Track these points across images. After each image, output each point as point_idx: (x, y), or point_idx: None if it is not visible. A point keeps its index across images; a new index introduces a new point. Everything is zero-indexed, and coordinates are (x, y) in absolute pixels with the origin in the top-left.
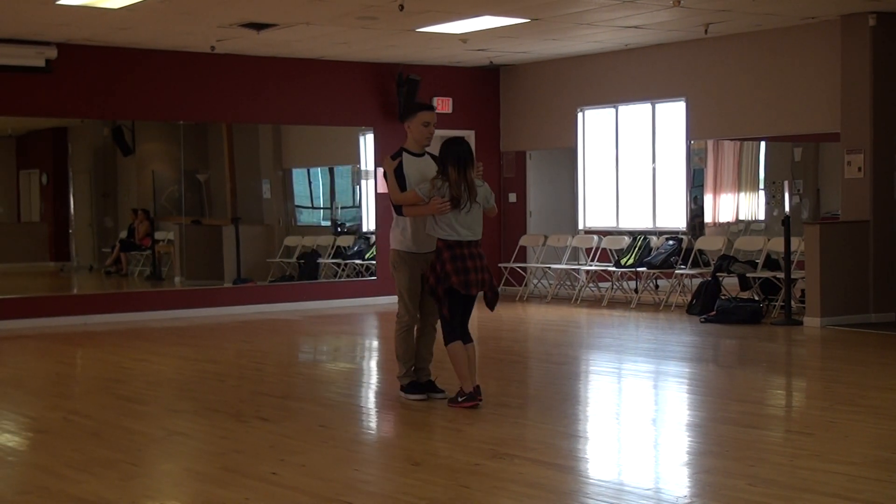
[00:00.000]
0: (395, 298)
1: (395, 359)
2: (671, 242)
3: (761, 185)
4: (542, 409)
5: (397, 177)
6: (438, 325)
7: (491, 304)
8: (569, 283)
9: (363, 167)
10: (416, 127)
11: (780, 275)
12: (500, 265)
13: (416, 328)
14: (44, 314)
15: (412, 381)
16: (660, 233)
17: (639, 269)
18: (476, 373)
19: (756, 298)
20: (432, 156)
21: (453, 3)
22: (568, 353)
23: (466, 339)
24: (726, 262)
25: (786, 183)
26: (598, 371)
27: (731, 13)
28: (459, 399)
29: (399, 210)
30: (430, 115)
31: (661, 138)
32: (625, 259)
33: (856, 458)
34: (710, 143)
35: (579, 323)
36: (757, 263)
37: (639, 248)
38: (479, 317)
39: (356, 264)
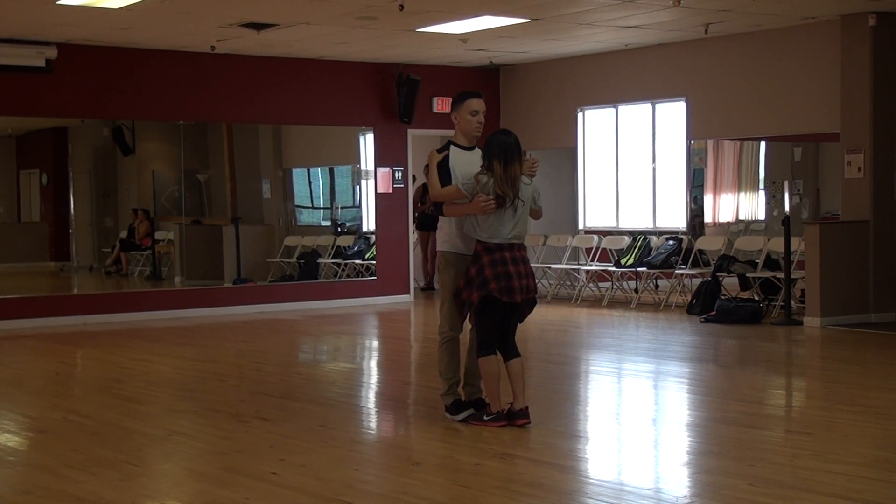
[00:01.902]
0: (395, 298)
1: (394, 358)
2: (671, 242)
3: (761, 185)
4: (542, 409)
5: (442, 171)
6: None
7: (522, 316)
8: (569, 283)
9: (363, 167)
10: (463, 116)
11: (780, 275)
12: None
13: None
14: (44, 314)
15: (456, 399)
16: (660, 233)
17: (639, 269)
18: (527, 390)
19: (756, 298)
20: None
21: (453, 3)
22: (568, 353)
23: (512, 353)
24: (726, 262)
25: (786, 183)
26: (598, 371)
27: (731, 13)
28: (485, 417)
29: (440, 209)
30: (478, 102)
31: (661, 138)
32: (625, 259)
33: (856, 458)
34: (710, 143)
35: (579, 323)
36: (757, 263)
37: (639, 248)
38: None
39: (356, 264)
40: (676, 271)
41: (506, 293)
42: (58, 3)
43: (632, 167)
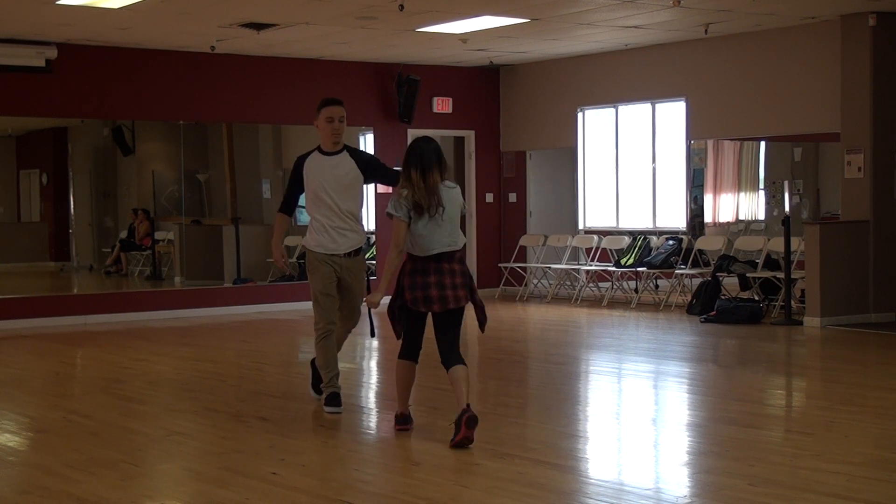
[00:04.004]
0: None
1: (392, 358)
2: (671, 242)
3: (761, 185)
4: (542, 409)
5: (292, 176)
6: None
7: (481, 325)
8: (569, 283)
9: None
10: (321, 124)
11: (780, 275)
12: (500, 265)
13: (334, 334)
14: (44, 314)
15: (332, 392)
16: (660, 233)
17: (639, 269)
18: (468, 394)
19: (756, 298)
20: (356, 153)
21: (453, 3)
22: (568, 353)
23: (455, 361)
24: (726, 262)
25: (786, 183)
26: (598, 371)
27: (731, 13)
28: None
29: (285, 210)
30: (335, 109)
31: (661, 138)
32: (625, 259)
33: (856, 458)
34: (710, 143)
35: (579, 323)
36: (757, 263)
37: (639, 248)
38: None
39: None
40: (676, 271)
41: (421, 303)
42: (58, 3)
43: (632, 167)
